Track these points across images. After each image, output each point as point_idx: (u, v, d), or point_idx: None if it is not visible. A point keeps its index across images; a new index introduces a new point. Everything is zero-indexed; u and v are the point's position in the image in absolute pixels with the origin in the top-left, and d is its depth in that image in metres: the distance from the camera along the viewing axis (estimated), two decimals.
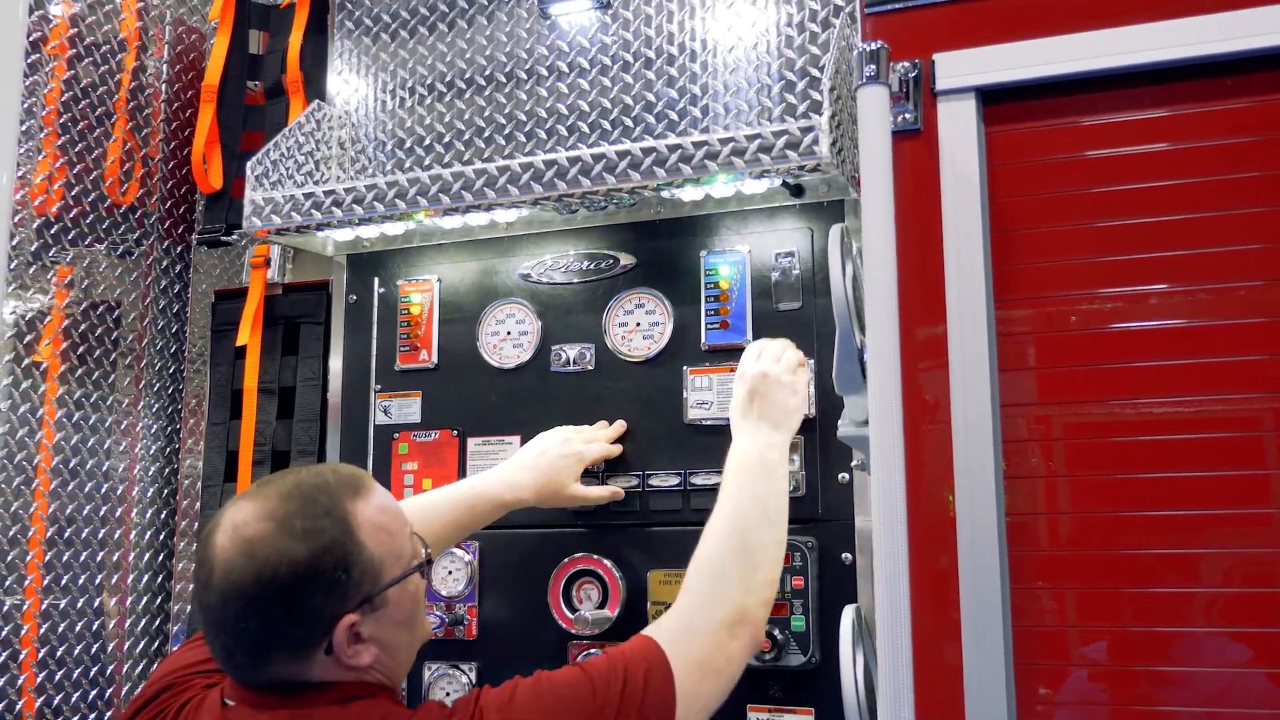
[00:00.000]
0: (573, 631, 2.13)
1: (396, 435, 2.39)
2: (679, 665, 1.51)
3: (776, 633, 2.00)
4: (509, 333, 2.33)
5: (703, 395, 2.17)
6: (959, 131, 1.62)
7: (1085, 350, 1.56)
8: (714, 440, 2.12)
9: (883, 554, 1.43)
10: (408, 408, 2.40)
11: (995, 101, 1.63)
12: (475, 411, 2.34)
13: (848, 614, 1.71)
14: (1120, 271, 1.56)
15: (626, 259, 2.27)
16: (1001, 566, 1.52)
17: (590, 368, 2.26)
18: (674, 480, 2.16)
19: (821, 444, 2.07)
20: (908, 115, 1.64)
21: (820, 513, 2.05)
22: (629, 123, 2.29)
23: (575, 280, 2.30)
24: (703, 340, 2.18)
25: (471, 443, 2.33)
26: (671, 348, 2.21)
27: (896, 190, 1.53)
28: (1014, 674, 1.52)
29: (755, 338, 2.12)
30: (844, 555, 2.02)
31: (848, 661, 1.62)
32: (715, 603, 1.59)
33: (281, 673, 1.42)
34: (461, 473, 2.31)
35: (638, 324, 2.24)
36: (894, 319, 1.48)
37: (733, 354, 2.14)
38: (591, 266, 2.29)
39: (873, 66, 1.55)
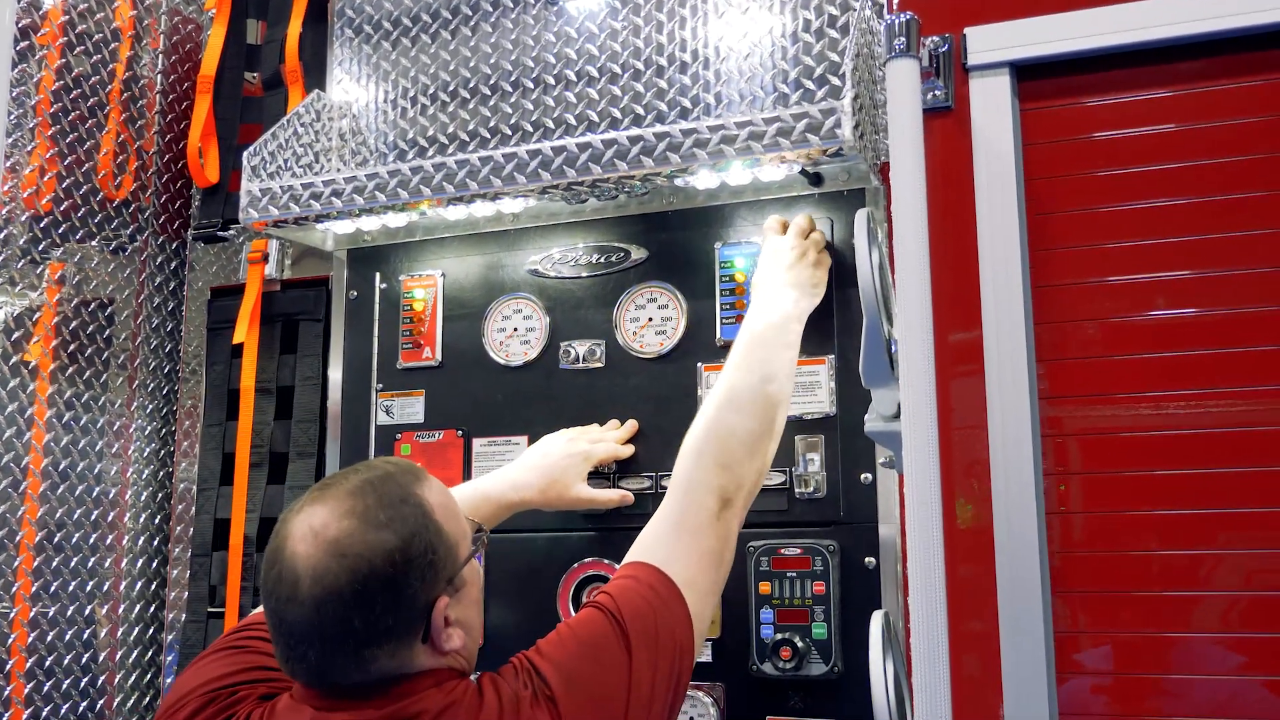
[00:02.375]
0: None
1: (399, 436, 2.30)
2: (680, 575, 1.56)
3: (797, 640, 1.91)
4: (516, 329, 2.25)
5: None
6: (992, 109, 1.54)
7: (1129, 339, 1.47)
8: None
9: (917, 557, 1.34)
10: (410, 407, 2.31)
11: (1030, 77, 1.55)
12: (481, 411, 2.25)
13: (876, 620, 1.62)
14: (1165, 255, 1.47)
15: (638, 252, 2.18)
16: (1042, 570, 1.43)
17: (600, 365, 2.17)
18: None
19: (842, 443, 1.98)
20: (938, 92, 1.56)
21: (842, 515, 1.96)
22: (640, 110, 2.21)
23: (584, 274, 2.22)
24: (718, 335, 2.09)
25: (477, 443, 2.24)
26: (685, 343, 2.12)
27: (926, 171, 1.45)
28: (1055, 683, 1.43)
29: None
30: (867, 559, 1.93)
31: (878, 670, 1.53)
32: (703, 489, 1.64)
33: (385, 668, 1.39)
34: (467, 474, 2.22)
35: (650, 319, 2.16)
36: (927, 308, 1.39)
37: None
38: (601, 260, 2.20)
39: (903, 39, 1.46)
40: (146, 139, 2.65)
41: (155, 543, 2.59)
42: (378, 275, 2.38)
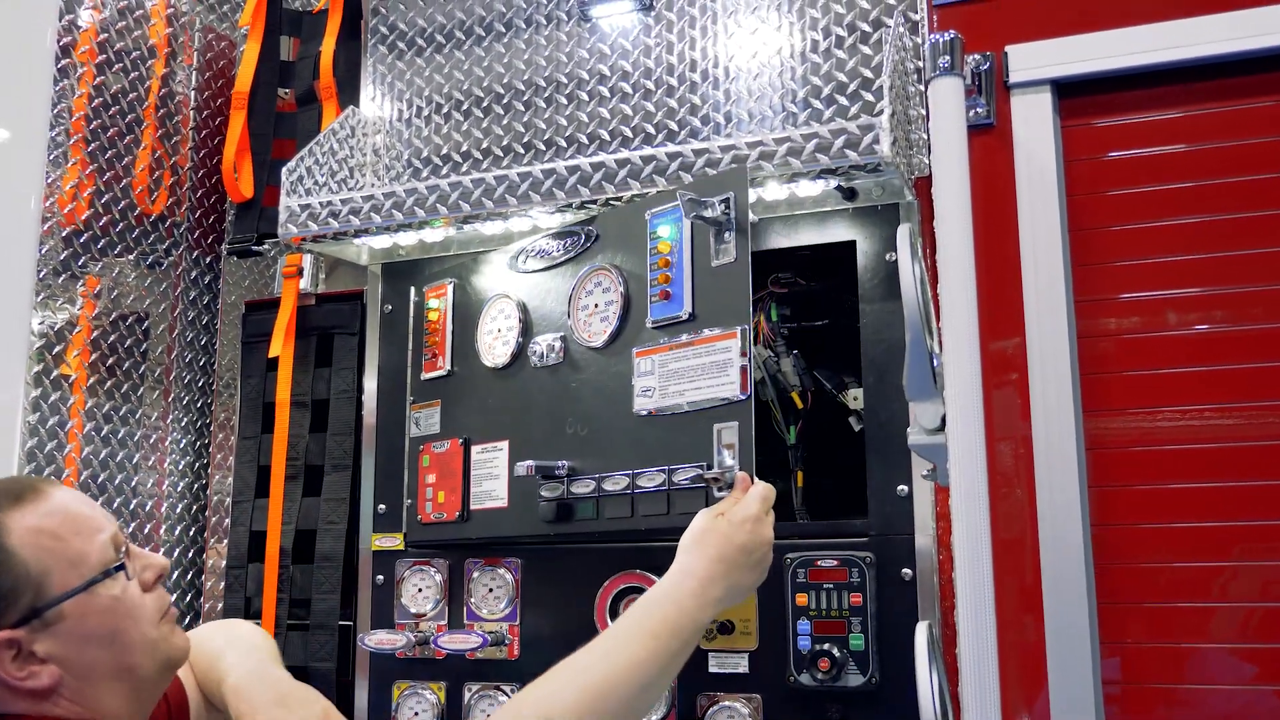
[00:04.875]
0: None
1: (421, 448, 2.29)
2: None
3: (835, 651, 1.92)
4: (500, 330, 2.17)
5: (646, 381, 1.91)
6: (1034, 126, 1.56)
7: (1172, 353, 1.49)
8: (659, 434, 1.87)
9: (965, 568, 1.35)
10: (431, 419, 2.29)
11: (1071, 94, 1.57)
12: (477, 417, 2.19)
13: (922, 630, 1.64)
14: (1207, 270, 1.49)
15: (589, 234, 2.07)
16: (1088, 582, 1.44)
17: (560, 360, 2.05)
18: (624, 483, 1.89)
19: (878, 455, 1.99)
20: (979, 109, 1.58)
21: (878, 527, 1.97)
22: (674, 126, 2.23)
23: (544, 266, 2.12)
24: (648, 316, 1.93)
25: (474, 451, 2.17)
26: (624, 329, 1.97)
27: (970, 187, 1.47)
28: (1101, 691, 1.44)
29: (695, 309, 1.85)
30: (904, 571, 1.94)
31: (925, 680, 1.54)
32: None
33: None
34: (466, 485, 2.16)
35: (596, 305, 2.01)
36: (973, 323, 1.42)
37: (674, 329, 1.88)
38: (559, 246, 2.11)
39: (947, 58, 1.49)
40: (181, 155, 2.68)
41: (190, 555, 2.61)
42: (412, 289, 2.39)
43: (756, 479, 1.70)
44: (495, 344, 2.17)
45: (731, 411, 1.77)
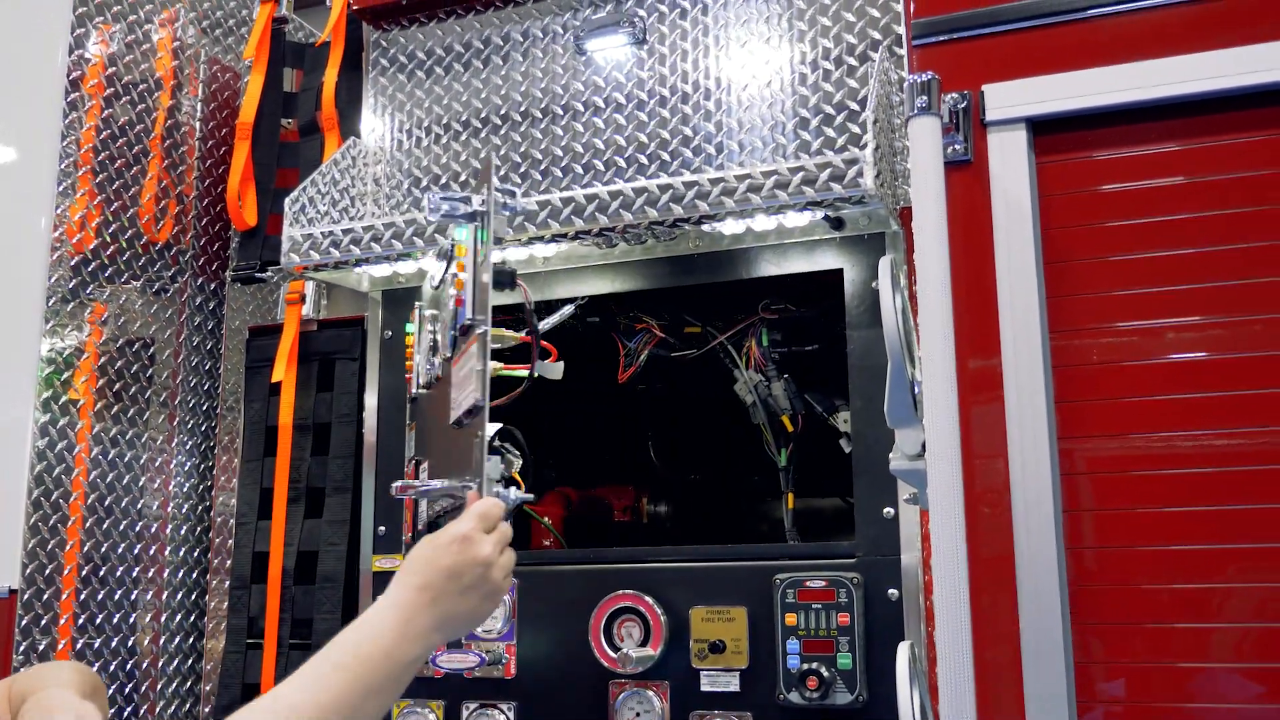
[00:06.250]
0: (615, 670, 2.10)
1: (407, 468, 2.33)
2: None
3: (823, 670, 1.97)
4: (424, 348, 2.10)
5: (453, 393, 1.84)
6: (1010, 162, 1.61)
7: (1143, 382, 1.53)
8: (460, 447, 1.77)
9: (943, 590, 1.40)
10: (411, 441, 2.34)
11: (1046, 132, 1.62)
12: (422, 439, 2.15)
13: (903, 650, 1.68)
14: (1177, 302, 1.54)
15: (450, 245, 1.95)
16: (1062, 603, 1.49)
17: (440, 375, 2.00)
18: (447, 502, 1.80)
19: (866, 478, 2.04)
20: (957, 146, 1.63)
21: (865, 549, 2.02)
22: (666, 157, 2.29)
23: (438, 282, 2.05)
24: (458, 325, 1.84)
25: (421, 471, 2.11)
26: (456, 340, 1.86)
27: (948, 223, 1.52)
28: (1076, 712, 1.49)
29: (474, 313, 1.76)
30: (890, 591, 2.00)
31: (905, 699, 1.59)
32: None
33: None
34: (416, 505, 2.07)
35: (447, 319, 1.91)
36: (950, 352, 1.47)
37: (466, 335, 1.78)
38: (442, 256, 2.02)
39: (924, 97, 1.54)
40: (186, 184, 2.74)
41: (195, 575, 2.66)
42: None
43: (502, 491, 1.59)
44: (422, 362, 2.11)
45: (478, 421, 1.68)
